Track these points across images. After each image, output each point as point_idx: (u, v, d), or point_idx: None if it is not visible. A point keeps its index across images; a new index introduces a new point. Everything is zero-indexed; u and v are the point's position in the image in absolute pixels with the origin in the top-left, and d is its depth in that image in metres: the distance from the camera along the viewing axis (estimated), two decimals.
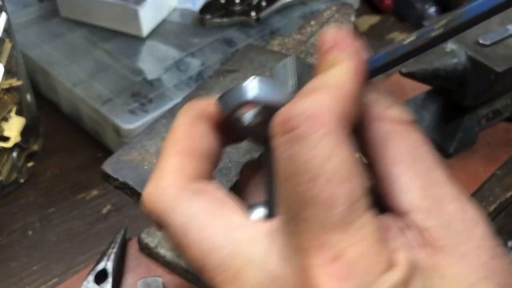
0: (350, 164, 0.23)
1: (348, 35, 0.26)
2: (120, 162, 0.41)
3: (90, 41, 0.70)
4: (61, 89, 0.65)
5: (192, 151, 0.27)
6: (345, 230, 0.22)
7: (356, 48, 0.26)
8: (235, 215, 0.26)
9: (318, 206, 0.22)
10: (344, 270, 0.22)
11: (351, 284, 0.22)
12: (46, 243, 0.55)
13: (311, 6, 0.77)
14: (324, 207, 0.22)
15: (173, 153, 0.27)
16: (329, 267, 0.22)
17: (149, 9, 0.70)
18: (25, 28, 0.71)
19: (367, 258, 0.22)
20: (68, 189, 0.60)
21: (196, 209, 0.26)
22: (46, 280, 0.52)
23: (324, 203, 0.22)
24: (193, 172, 0.27)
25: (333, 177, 0.22)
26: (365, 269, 0.22)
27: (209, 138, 0.28)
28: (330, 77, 0.25)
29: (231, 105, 0.26)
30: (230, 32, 0.72)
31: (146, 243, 0.52)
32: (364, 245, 0.22)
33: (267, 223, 0.25)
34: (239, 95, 0.26)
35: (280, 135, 0.23)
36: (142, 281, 0.49)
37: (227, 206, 0.26)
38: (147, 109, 0.60)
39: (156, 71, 0.66)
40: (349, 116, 0.24)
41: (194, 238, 0.25)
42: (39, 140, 0.63)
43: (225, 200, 0.26)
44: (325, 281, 0.22)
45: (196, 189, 0.26)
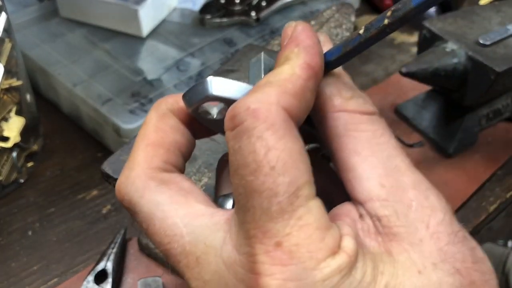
0: (292, 155, 0.23)
1: (305, 29, 0.27)
2: (120, 162, 0.41)
3: (90, 41, 0.70)
4: (61, 89, 0.65)
5: (161, 143, 0.28)
6: (287, 218, 0.23)
7: (311, 43, 0.26)
8: (198, 204, 0.27)
9: (261, 196, 0.23)
10: (286, 256, 0.23)
11: (293, 269, 0.23)
12: (46, 243, 0.55)
13: (311, 6, 0.77)
14: (266, 196, 0.23)
15: (143, 145, 0.28)
16: (272, 254, 0.23)
17: (149, 9, 0.69)
18: (25, 28, 0.71)
19: (308, 244, 0.23)
20: (68, 189, 0.60)
21: (161, 198, 0.27)
22: (46, 280, 0.52)
23: (266, 193, 0.23)
24: (161, 163, 0.28)
25: (274, 168, 0.23)
26: (306, 255, 0.23)
27: (178, 131, 0.29)
28: (279, 73, 0.25)
29: (194, 101, 0.27)
30: (230, 32, 0.72)
31: (146, 243, 0.52)
32: (305, 232, 0.23)
33: (227, 212, 0.26)
34: (201, 91, 0.27)
35: (229, 130, 0.24)
36: (142, 281, 0.49)
37: (191, 196, 0.27)
38: (147, 109, 0.60)
39: (156, 71, 0.66)
40: (296, 110, 0.24)
41: (159, 225, 0.26)
42: (39, 140, 0.63)
43: (190, 189, 0.27)
44: (268, 267, 0.23)
45: (162, 179, 0.27)
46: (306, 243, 0.23)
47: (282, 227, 0.23)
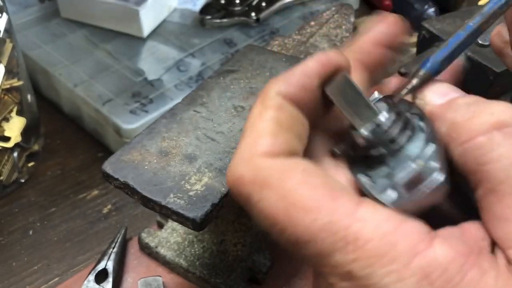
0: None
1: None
2: (121, 162, 0.41)
3: (90, 42, 0.70)
4: (62, 89, 0.65)
5: (289, 126, 0.28)
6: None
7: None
8: (349, 201, 0.26)
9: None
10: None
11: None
12: (46, 242, 0.55)
13: (311, 7, 0.77)
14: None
15: (272, 126, 0.28)
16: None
17: (150, 9, 0.70)
18: (26, 28, 0.71)
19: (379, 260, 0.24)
20: (68, 189, 0.60)
21: (308, 190, 0.26)
22: (47, 280, 0.52)
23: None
24: (291, 147, 0.28)
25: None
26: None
27: (298, 119, 0.29)
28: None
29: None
30: (230, 32, 0.72)
31: (146, 243, 0.52)
32: (368, 253, 0.25)
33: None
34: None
35: None
36: (142, 281, 0.49)
37: (338, 188, 0.26)
38: (147, 109, 0.60)
39: (157, 71, 0.66)
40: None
41: (306, 217, 0.25)
42: (40, 140, 0.63)
43: (337, 184, 0.27)
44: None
45: (305, 165, 0.27)
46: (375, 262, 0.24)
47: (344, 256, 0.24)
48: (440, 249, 0.24)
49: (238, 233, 0.51)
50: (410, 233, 0.25)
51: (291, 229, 0.25)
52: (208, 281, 0.49)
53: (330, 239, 0.25)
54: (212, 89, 0.47)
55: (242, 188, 0.27)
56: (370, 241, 0.24)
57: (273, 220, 0.26)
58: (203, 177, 0.40)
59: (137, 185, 0.39)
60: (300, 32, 0.57)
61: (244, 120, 0.44)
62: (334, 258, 0.25)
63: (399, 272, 0.24)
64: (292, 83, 0.28)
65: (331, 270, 0.25)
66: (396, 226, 0.25)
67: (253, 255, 0.50)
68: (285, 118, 0.28)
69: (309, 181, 0.26)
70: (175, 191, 0.39)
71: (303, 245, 0.25)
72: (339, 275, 0.25)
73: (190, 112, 0.45)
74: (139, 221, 0.56)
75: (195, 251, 0.50)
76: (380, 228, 0.25)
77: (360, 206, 0.25)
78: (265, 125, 0.27)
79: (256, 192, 0.26)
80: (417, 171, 0.27)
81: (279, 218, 0.26)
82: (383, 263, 0.24)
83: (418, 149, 0.28)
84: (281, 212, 0.25)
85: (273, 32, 0.72)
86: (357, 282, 0.24)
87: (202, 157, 0.41)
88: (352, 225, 0.25)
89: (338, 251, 0.25)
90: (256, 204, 0.26)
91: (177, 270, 0.51)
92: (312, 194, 0.25)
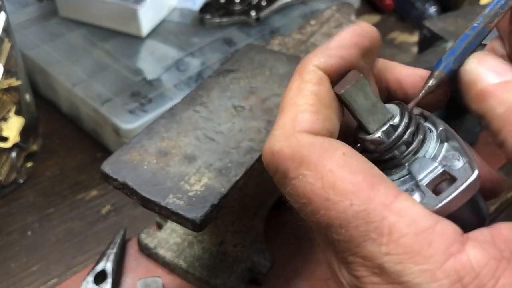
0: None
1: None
2: (120, 162, 0.40)
3: (89, 41, 0.69)
4: (61, 89, 0.65)
5: (329, 101, 0.28)
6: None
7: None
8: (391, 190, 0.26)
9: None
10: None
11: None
12: (45, 243, 0.55)
13: (311, 6, 0.77)
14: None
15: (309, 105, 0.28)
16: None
17: (149, 8, 0.69)
18: (25, 28, 0.70)
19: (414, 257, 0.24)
20: (67, 189, 0.60)
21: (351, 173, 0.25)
22: (46, 281, 0.52)
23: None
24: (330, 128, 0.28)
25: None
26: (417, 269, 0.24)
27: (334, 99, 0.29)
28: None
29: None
30: (230, 31, 0.72)
31: (145, 244, 0.51)
32: (404, 247, 0.24)
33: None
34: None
35: None
36: (141, 282, 0.49)
37: (379, 175, 0.26)
38: (146, 109, 0.60)
39: (156, 71, 0.65)
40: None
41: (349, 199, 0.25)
42: (38, 140, 0.63)
43: (376, 172, 0.27)
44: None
45: (346, 149, 0.26)
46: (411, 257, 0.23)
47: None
48: (473, 253, 0.24)
49: (238, 234, 0.50)
50: (445, 233, 0.24)
51: (325, 211, 0.25)
52: (208, 282, 0.49)
53: (364, 228, 0.24)
54: (211, 89, 0.46)
55: (279, 163, 0.26)
56: (404, 236, 0.24)
57: (308, 199, 0.25)
58: (203, 178, 0.39)
59: (136, 186, 0.39)
60: (300, 31, 0.56)
61: (244, 120, 0.44)
62: (366, 248, 0.24)
63: (433, 272, 0.23)
64: (330, 55, 0.28)
65: (360, 262, 0.25)
66: (432, 225, 0.24)
67: (253, 256, 0.50)
68: (325, 93, 0.28)
69: (349, 165, 0.25)
70: (175, 192, 0.38)
71: (335, 229, 0.25)
72: (369, 268, 0.25)
73: (190, 112, 0.44)
74: (138, 221, 0.56)
75: (195, 252, 0.50)
76: (416, 224, 0.24)
77: (398, 198, 0.25)
78: (305, 101, 0.27)
79: (294, 168, 0.26)
80: (441, 170, 0.27)
81: (314, 198, 0.25)
82: (417, 261, 0.23)
83: (433, 149, 0.28)
84: (317, 192, 0.25)
85: (273, 31, 0.72)
86: (387, 278, 0.24)
87: (201, 157, 0.41)
88: (388, 217, 0.24)
89: (370, 241, 0.24)
90: (292, 180, 0.26)
91: (176, 271, 0.50)
92: (351, 178, 0.25)
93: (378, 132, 0.28)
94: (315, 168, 0.25)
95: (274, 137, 0.27)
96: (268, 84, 0.47)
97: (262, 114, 0.44)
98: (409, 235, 0.24)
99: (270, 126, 0.43)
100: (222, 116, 0.44)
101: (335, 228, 0.25)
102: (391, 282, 0.24)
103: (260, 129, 0.43)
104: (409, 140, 0.28)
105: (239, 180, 0.39)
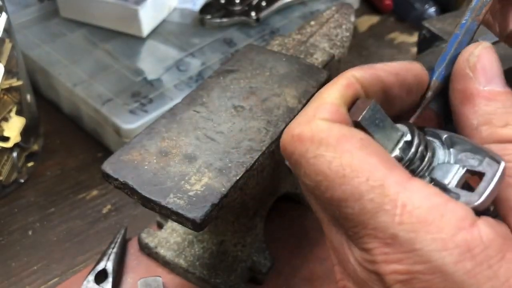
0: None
1: None
2: (120, 162, 0.41)
3: (90, 41, 0.70)
4: (61, 89, 0.65)
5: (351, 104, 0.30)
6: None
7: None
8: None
9: None
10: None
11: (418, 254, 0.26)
12: (46, 243, 0.55)
13: (311, 6, 0.77)
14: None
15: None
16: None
17: (149, 9, 0.70)
18: (25, 28, 0.71)
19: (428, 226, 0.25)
20: (68, 189, 0.60)
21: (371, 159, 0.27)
22: (46, 280, 0.52)
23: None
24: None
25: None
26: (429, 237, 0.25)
27: None
28: None
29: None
30: (230, 32, 0.72)
31: (146, 243, 0.52)
32: (418, 217, 0.26)
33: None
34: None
35: None
36: (142, 281, 0.49)
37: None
38: (147, 109, 0.60)
39: (156, 71, 0.66)
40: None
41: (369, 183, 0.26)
42: (39, 140, 0.63)
43: (391, 158, 0.28)
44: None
45: (363, 135, 0.28)
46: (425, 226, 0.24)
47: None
48: (483, 229, 0.25)
49: (238, 234, 0.50)
50: (457, 209, 0.25)
51: (341, 186, 0.26)
52: (208, 281, 0.49)
53: (379, 200, 0.25)
54: (212, 89, 0.47)
55: (298, 144, 0.28)
56: (418, 208, 0.25)
57: (324, 176, 0.27)
58: (203, 177, 0.40)
59: (136, 185, 0.39)
60: (300, 31, 0.56)
61: (244, 120, 0.44)
62: (379, 219, 0.25)
63: (444, 242, 0.24)
64: (368, 71, 0.30)
65: (372, 233, 0.26)
66: (445, 202, 0.26)
67: (253, 256, 0.50)
68: (350, 96, 0.29)
69: (366, 148, 0.27)
70: (175, 191, 0.38)
71: (349, 203, 0.26)
72: (381, 239, 0.26)
73: (190, 112, 0.45)
74: (138, 221, 0.56)
75: (195, 251, 0.50)
76: (429, 199, 0.25)
77: (412, 180, 0.26)
78: (331, 96, 0.29)
79: (312, 149, 0.27)
80: (464, 170, 0.28)
81: (330, 175, 0.27)
82: (429, 230, 0.25)
83: (443, 157, 0.29)
84: (334, 169, 0.26)
85: (273, 32, 0.72)
86: (399, 247, 0.25)
87: (202, 157, 0.41)
88: (403, 192, 0.25)
89: (384, 212, 0.25)
90: (310, 160, 0.27)
91: (177, 270, 0.50)
92: (368, 158, 0.26)
93: (396, 150, 0.29)
94: (333, 149, 0.27)
95: (295, 122, 0.29)
96: (268, 84, 0.47)
97: (262, 114, 0.44)
98: (423, 208, 0.25)
99: (270, 126, 0.43)
100: (222, 116, 0.44)
101: (349, 202, 0.26)
102: (403, 251, 0.25)
103: (260, 129, 0.43)
104: (423, 153, 0.29)
105: (239, 179, 0.40)
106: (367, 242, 0.26)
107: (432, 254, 0.24)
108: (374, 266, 0.26)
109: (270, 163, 0.44)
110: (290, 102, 0.45)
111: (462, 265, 0.24)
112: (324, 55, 0.53)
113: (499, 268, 0.24)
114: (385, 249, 0.25)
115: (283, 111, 0.45)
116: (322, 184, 0.27)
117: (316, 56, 0.53)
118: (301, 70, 0.48)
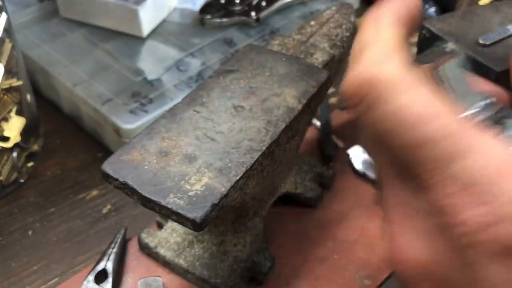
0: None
1: None
2: (120, 162, 0.41)
3: (90, 41, 0.70)
4: (61, 89, 0.65)
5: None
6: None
7: None
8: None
9: None
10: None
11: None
12: (46, 243, 0.55)
13: (311, 6, 0.77)
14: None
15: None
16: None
17: (149, 9, 0.70)
18: (26, 28, 0.71)
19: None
20: (68, 189, 0.60)
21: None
22: (46, 280, 0.52)
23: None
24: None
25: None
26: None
27: None
28: None
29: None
30: (230, 32, 0.72)
31: (146, 243, 0.52)
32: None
33: None
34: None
35: None
36: (142, 281, 0.49)
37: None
38: (147, 109, 0.60)
39: (156, 71, 0.66)
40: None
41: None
42: (39, 140, 0.63)
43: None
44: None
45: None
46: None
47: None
48: None
49: (238, 234, 0.50)
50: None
51: (420, 128, 0.26)
52: (208, 281, 0.49)
53: (459, 144, 0.25)
54: (212, 89, 0.46)
55: (371, 89, 0.27)
56: (499, 155, 0.25)
57: (401, 118, 0.26)
58: (203, 177, 0.40)
59: (136, 185, 0.39)
60: (300, 31, 0.56)
61: (244, 120, 0.44)
62: (459, 163, 0.25)
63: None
64: (404, 4, 0.31)
65: (450, 178, 0.25)
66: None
67: (253, 256, 0.50)
68: (399, 39, 0.29)
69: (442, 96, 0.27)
70: (175, 191, 0.38)
71: (427, 146, 0.26)
72: (458, 185, 0.25)
73: (190, 112, 0.45)
74: (138, 221, 0.56)
75: (195, 251, 0.50)
76: (507, 150, 0.25)
77: (488, 132, 0.26)
78: (393, 35, 0.29)
79: (391, 90, 0.27)
80: None
81: (409, 117, 0.26)
82: (510, 180, 0.24)
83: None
84: (414, 110, 0.26)
85: (273, 32, 0.72)
86: (482, 192, 0.24)
87: (202, 157, 0.41)
88: (483, 140, 0.25)
89: (464, 157, 0.25)
90: (387, 101, 0.27)
91: (177, 270, 0.50)
92: (447, 105, 0.26)
93: (471, 109, 0.29)
94: (414, 92, 0.26)
95: (363, 66, 0.28)
96: (268, 84, 0.47)
97: (262, 114, 0.44)
98: (504, 156, 0.25)
99: (270, 126, 0.43)
100: (222, 116, 0.44)
101: (428, 145, 0.26)
102: (482, 192, 0.24)
103: (260, 129, 0.43)
104: (495, 120, 0.29)
105: (239, 179, 0.40)
106: (444, 186, 0.25)
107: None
108: (453, 212, 0.25)
109: (270, 163, 0.44)
110: (290, 102, 0.45)
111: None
112: (324, 55, 0.53)
113: None
114: (466, 193, 0.25)
115: (283, 111, 0.45)
116: (398, 128, 0.26)
117: (316, 56, 0.53)
118: (301, 70, 0.48)
